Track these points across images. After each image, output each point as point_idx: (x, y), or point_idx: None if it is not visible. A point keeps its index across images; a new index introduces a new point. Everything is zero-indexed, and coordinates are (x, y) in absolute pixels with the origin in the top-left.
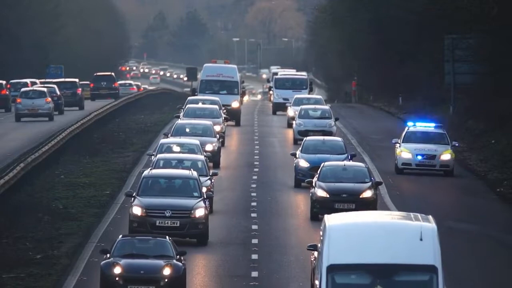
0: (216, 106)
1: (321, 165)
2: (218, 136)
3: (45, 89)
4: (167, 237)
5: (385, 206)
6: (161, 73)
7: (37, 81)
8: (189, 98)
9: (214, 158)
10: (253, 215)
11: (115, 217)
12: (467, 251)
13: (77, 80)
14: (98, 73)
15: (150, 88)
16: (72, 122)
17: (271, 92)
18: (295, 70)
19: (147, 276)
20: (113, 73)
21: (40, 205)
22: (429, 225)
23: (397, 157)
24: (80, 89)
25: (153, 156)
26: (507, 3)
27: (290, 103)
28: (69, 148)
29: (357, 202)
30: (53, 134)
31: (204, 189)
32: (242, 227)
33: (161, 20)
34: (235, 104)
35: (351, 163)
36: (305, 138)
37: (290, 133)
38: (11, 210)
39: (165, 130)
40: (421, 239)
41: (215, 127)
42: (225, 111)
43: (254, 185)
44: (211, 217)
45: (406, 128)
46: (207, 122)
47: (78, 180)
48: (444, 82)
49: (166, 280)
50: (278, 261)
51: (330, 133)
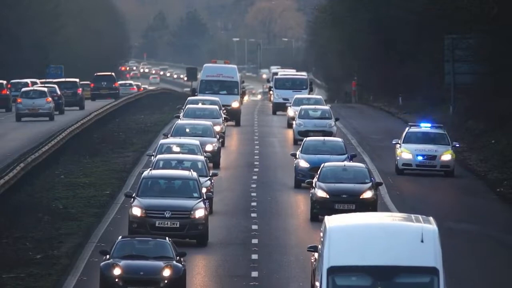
0: (216, 106)
1: (321, 165)
2: (218, 136)
3: (45, 89)
4: (167, 238)
5: (385, 207)
6: (161, 73)
7: (38, 81)
8: (189, 98)
9: (214, 159)
10: (253, 215)
11: (115, 217)
12: (467, 251)
13: (77, 80)
14: (98, 73)
15: (150, 88)
16: (72, 122)
17: (271, 92)
18: (295, 70)
19: (147, 277)
20: (113, 73)
21: (40, 205)
22: (430, 226)
23: (398, 158)
24: (80, 89)
25: (152, 157)
26: (507, 3)
27: (290, 103)
28: (69, 148)
29: (357, 203)
30: (53, 134)
31: (204, 190)
32: (242, 227)
33: (161, 20)
34: (235, 104)
35: (351, 163)
36: (305, 139)
37: (290, 133)
38: (11, 210)
39: (165, 130)
40: (422, 241)
41: (215, 127)
42: (225, 111)
43: (254, 185)
44: (211, 217)
45: (407, 128)
46: (207, 122)
47: (78, 180)
48: (444, 82)
49: (166, 281)
50: (278, 261)
51: (330, 134)
